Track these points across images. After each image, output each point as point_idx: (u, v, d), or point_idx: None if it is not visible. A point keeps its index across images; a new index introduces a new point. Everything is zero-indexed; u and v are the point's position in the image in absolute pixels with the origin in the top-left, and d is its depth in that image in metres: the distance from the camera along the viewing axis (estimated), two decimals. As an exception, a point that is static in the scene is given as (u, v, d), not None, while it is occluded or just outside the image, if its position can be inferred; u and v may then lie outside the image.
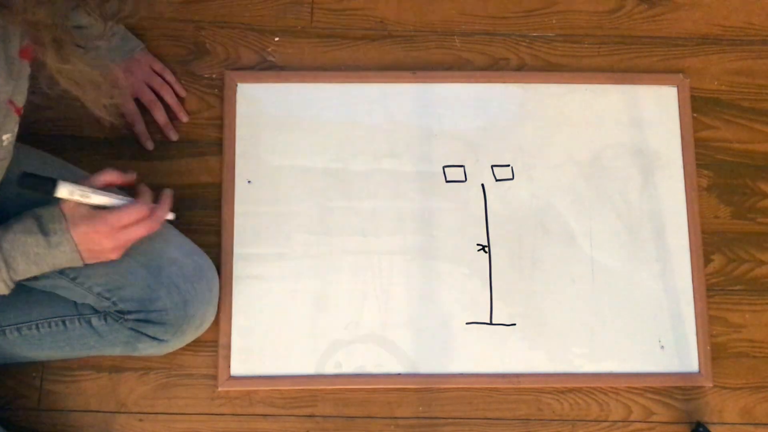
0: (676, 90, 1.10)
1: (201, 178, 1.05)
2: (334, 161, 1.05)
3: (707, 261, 1.06)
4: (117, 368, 0.99)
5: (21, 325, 0.88)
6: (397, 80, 1.08)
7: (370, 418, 1.00)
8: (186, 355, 0.98)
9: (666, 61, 1.12)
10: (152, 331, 0.87)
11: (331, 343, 1.00)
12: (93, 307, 0.87)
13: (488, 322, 1.02)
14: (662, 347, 1.03)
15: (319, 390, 1.00)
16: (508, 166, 1.06)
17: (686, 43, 1.13)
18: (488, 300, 1.02)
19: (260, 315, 1.00)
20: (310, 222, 1.03)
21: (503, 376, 1.00)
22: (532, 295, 1.03)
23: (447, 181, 1.06)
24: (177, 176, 1.04)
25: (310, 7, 1.11)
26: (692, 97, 1.10)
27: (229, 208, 1.02)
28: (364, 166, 1.05)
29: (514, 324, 1.02)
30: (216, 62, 1.08)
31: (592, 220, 1.05)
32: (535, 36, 1.12)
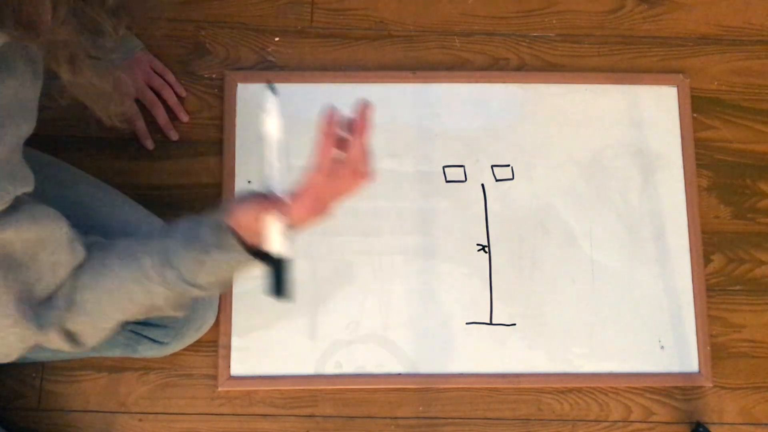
0: (676, 90, 1.10)
1: (201, 178, 1.04)
2: (334, 161, 1.05)
3: (707, 261, 1.06)
4: (117, 368, 0.99)
5: None
6: (397, 80, 1.08)
7: (370, 418, 1.00)
8: (186, 355, 0.98)
9: (666, 61, 1.12)
10: (152, 333, 0.87)
11: (331, 343, 1.00)
12: None
13: (488, 322, 1.02)
14: (662, 347, 1.03)
15: (319, 390, 0.99)
16: (508, 166, 1.06)
17: (686, 43, 1.13)
18: (488, 300, 1.02)
19: (260, 315, 1.00)
20: (310, 222, 1.03)
21: (503, 376, 1.00)
22: (532, 295, 1.03)
23: (447, 181, 1.05)
24: (177, 176, 1.04)
25: (310, 7, 1.11)
26: (692, 97, 1.10)
27: (229, 208, 1.02)
28: (364, 166, 1.05)
29: (514, 324, 1.02)
30: (216, 62, 1.08)
31: (592, 220, 1.05)
32: (535, 36, 1.12)
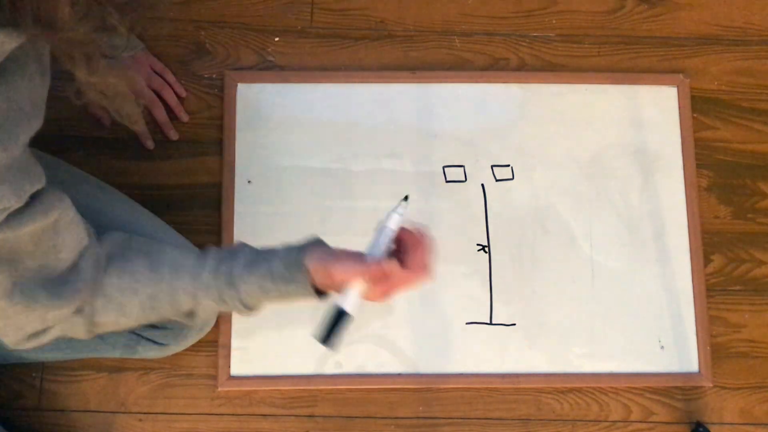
0: (676, 90, 1.10)
1: (201, 178, 1.04)
2: (335, 161, 1.05)
3: (707, 261, 1.06)
4: (117, 368, 0.99)
5: None
6: (397, 80, 1.08)
7: (370, 418, 1.00)
8: (186, 355, 0.98)
9: (666, 61, 1.12)
10: (153, 334, 0.87)
11: (331, 343, 1.00)
12: None
13: (488, 322, 1.02)
14: (662, 347, 1.03)
15: (319, 390, 1.00)
16: (508, 166, 1.06)
17: (686, 43, 1.13)
18: (488, 300, 1.02)
19: (260, 315, 1.00)
20: (310, 222, 1.03)
21: (503, 376, 1.00)
22: (532, 295, 1.03)
23: (447, 181, 1.05)
24: (177, 176, 1.04)
25: (310, 7, 1.11)
26: (692, 97, 1.10)
27: (229, 208, 1.02)
28: (364, 166, 1.05)
29: (514, 324, 1.02)
30: (216, 62, 1.08)
31: (592, 221, 1.05)
32: (535, 36, 1.12)
